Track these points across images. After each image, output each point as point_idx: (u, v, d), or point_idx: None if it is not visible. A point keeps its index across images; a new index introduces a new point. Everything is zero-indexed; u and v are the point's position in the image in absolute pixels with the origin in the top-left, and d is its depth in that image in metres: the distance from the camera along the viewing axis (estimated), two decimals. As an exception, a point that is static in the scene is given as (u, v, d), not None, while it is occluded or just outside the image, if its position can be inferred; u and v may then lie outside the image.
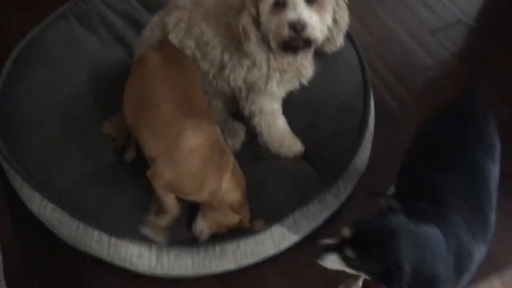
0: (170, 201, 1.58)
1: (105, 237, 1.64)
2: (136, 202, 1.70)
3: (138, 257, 1.64)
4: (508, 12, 2.66)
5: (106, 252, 1.66)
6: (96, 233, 1.65)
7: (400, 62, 2.40)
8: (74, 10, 2.23)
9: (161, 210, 1.60)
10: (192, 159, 1.51)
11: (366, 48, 2.29)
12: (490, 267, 1.78)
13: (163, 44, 1.73)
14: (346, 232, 1.20)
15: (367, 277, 1.24)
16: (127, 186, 1.74)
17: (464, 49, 2.47)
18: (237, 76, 1.71)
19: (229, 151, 1.61)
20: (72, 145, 1.81)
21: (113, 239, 1.64)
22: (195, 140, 1.50)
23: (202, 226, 1.63)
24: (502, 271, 1.78)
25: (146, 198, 1.69)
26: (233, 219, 1.61)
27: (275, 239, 1.72)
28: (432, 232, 1.22)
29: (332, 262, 1.23)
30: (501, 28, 2.57)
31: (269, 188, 1.78)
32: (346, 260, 1.20)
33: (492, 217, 1.35)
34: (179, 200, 1.60)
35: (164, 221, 1.60)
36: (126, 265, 1.67)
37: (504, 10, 2.67)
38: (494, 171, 1.42)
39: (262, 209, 1.70)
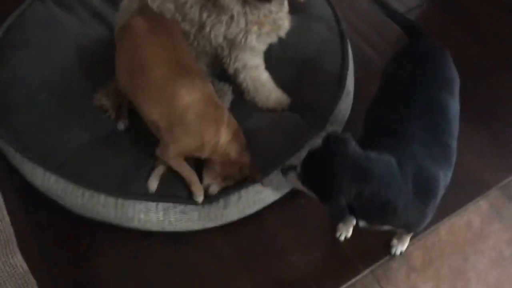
0: (185, 169, 1.68)
1: (111, 200, 1.70)
2: (136, 163, 1.77)
3: (146, 213, 1.71)
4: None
5: (114, 214, 1.71)
6: (102, 197, 1.70)
7: (372, 12, 2.47)
8: (49, -8, 2.25)
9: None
10: (189, 116, 1.58)
11: (339, 2, 2.36)
12: (476, 190, 1.90)
13: (143, 10, 1.78)
14: (303, 154, 1.38)
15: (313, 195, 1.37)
16: (125, 150, 1.81)
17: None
18: (218, 33, 1.77)
19: (222, 105, 1.68)
20: (66, 119, 1.85)
21: (119, 200, 1.70)
22: (190, 98, 1.58)
23: (209, 180, 1.71)
24: (488, 191, 1.90)
25: (146, 157, 1.77)
26: (235, 168, 1.69)
27: (274, 186, 1.80)
28: (382, 160, 1.31)
29: (291, 179, 1.42)
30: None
31: (262, 140, 1.84)
32: (299, 177, 1.38)
33: (454, 145, 1.46)
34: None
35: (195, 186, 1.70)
36: (135, 224, 1.73)
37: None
38: (453, 104, 1.52)
39: (258, 159, 1.77)
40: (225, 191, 1.74)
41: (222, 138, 1.62)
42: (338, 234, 1.80)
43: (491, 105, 2.14)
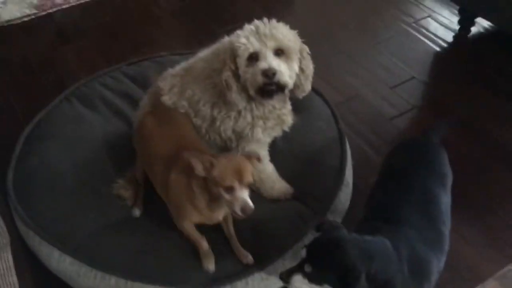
0: (195, 235, 1.79)
1: (121, 282, 1.77)
2: (147, 248, 1.86)
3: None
4: (453, 65, 3.09)
5: (123, 297, 1.77)
6: (113, 279, 1.77)
7: (369, 114, 2.72)
8: (75, 93, 2.51)
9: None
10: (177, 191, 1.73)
11: (338, 106, 2.60)
12: (474, 279, 1.96)
13: (156, 107, 2.02)
14: (303, 252, 1.41)
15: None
16: (137, 235, 1.91)
17: (420, 99, 2.83)
18: (227, 127, 1.98)
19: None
20: (84, 204, 1.98)
21: (129, 283, 1.77)
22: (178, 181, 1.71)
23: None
24: (484, 281, 1.96)
25: (156, 242, 1.87)
26: None
27: (279, 273, 1.86)
28: (379, 242, 1.42)
29: (298, 282, 1.40)
30: (449, 79, 2.97)
31: (268, 228, 1.95)
32: (308, 276, 1.38)
33: (447, 232, 1.58)
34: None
35: (206, 255, 1.80)
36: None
37: (449, 65, 3.10)
38: (445, 197, 1.67)
39: (264, 247, 1.88)
40: (231, 278, 1.80)
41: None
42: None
43: (485, 201, 2.27)
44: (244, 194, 1.54)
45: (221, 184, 1.54)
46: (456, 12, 3.32)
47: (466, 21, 3.26)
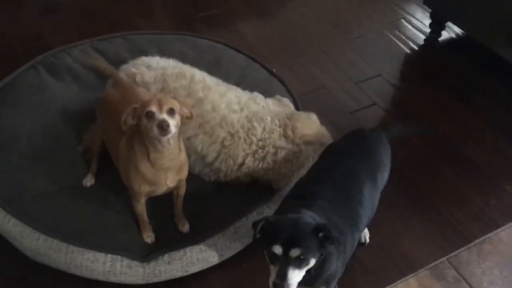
0: (141, 209, 1.85)
1: (62, 246, 1.82)
2: (92, 215, 1.91)
3: (93, 262, 1.81)
4: (419, 67, 3.17)
5: (64, 260, 1.82)
6: (55, 242, 1.82)
7: (331, 107, 2.78)
8: (43, 62, 2.54)
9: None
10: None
11: (301, 96, 2.67)
12: (408, 268, 2.03)
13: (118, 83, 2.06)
14: (278, 249, 1.37)
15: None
16: (85, 202, 1.96)
17: (382, 97, 2.89)
18: None
19: None
20: (36, 169, 2.03)
21: (70, 247, 1.82)
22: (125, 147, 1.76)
23: None
24: (418, 271, 2.04)
25: (102, 210, 1.93)
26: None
27: (218, 248, 1.93)
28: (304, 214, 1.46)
29: (295, 276, 1.37)
30: (414, 80, 3.05)
31: (212, 204, 2.05)
32: (296, 264, 1.36)
33: (362, 212, 1.64)
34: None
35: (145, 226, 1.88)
36: (82, 271, 1.83)
37: (416, 67, 3.18)
38: (370, 183, 1.71)
39: (205, 221, 1.96)
40: (171, 246, 1.87)
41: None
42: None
43: (429, 195, 2.35)
44: (163, 115, 1.56)
45: (143, 114, 1.57)
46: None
47: (437, 25, 3.33)
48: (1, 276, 1.88)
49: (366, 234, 2.10)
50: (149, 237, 1.90)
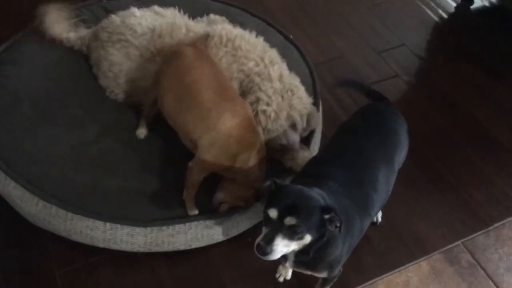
0: (195, 185, 1.76)
1: (62, 212, 1.77)
2: (93, 182, 1.85)
3: (93, 230, 1.77)
4: (447, 37, 2.97)
5: (64, 227, 1.78)
6: (54, 208, 1.77)
7: (347, 76, 2.64)
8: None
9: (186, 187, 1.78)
10: (230, 139, 1.71)
11: (318, 65, 2.53)
12: (420, 251, 1.94)
13: (196, 42, 1.96)
14: (273, 213, 1.29)
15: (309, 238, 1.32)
16: (86, 168, 1.89)
17: (405, 68, 2.73)
18: None
19: (258, 131, 1.79)
20: (38, 132, 1.96)
21: (69, 214, 1.77)
22: (232, 121, 1.71)
23: (222, 197, 1.79)
24: (431, 254, 1.94)
25: (103, 177, 1.87)
26: (250, 192, 1.76)
27: (224, 226, 1.86)
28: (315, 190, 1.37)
29: (281, 245, 1.29)
30: (440, 53, 2.86)
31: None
32: (288, 233, 1.28)
33: (376, 197, 1.53)
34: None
35: (189, 195, 1.79)
36: (82, 238, 1.79)
37: (443, 36, 2.97)
38: (386, 166, 1.59)
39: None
40: (174, 221, 1.81)
41: (250, 163, 1.72)
42: (277, 275, 1.83)
43: (448, 175, 2.22)
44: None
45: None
46: (463, -18, 3.17)
47: (469, -8, 3.11)
48: (1, 239, 1.86)
49: (378, 213, 2.00)
50: (193, 210, 1.81)
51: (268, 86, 1.90)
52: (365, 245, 1.91)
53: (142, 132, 2.01)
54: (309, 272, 1.52)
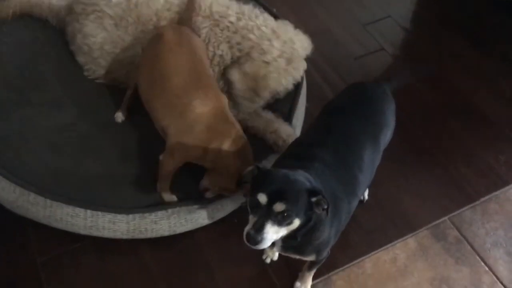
0: (169, 176, 1.73)
1: (40, 199, 1.71)
2: (73, 166, 1.80)
3: (73, 217, 1.72)
4: (435, 7, 2.90)
5: (43, 214, 1.72)
6: (32, 196, 1.71)
7: (333, 51, 2.58)
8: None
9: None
10: (198, 126, 1.64)
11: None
12: (407, 227, 1.93)
13: (179, 24, 1.88)
14: (262, 198, 1.24)
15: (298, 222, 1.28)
16: (65, 151, 1.84)
17: (391, 41, 2.68)
18: None
19: (233, 121, 1.71)
20: (12, 112, 1.89)
21: (48, 201, 1.71)
22: (201, 109, 1.64)
23: (206, 184, 1.74)
24: (418, 230, 1.93)
25: (83, 161, 1.81)
26: (231, 183, 1.68)
27: (209, 209, 1.82)
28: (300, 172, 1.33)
29: (271, 232, 1.25)
30: (427, 25, 2.81)
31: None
32: (277, 220, 1.24)
33: (362, 178, 1.50)
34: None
35: (164, 186, 1.76)
36: (63, 225, 1.74)
37: (431, 7, 2.91)
38: (371, 147, 1.55)
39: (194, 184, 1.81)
40: (156, 207, 1.76)
41: (224, 153, 1.65)
42: (264, 257, 1.81)
43: (433, 150, 2.20)
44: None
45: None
46: None
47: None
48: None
49: (365, 192, 1.98)
50: (171, 198, 1.78)
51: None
52: (351, 223, 1.87)
53: (119, 116, 1.94)
54: (297, 257, 1.50)
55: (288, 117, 2.04)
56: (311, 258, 1.50)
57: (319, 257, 1.49)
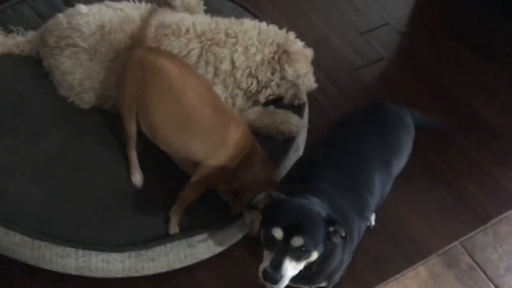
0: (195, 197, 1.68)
1: (27, 240, 1.59)
2: (59, 202, 1.67)
3: (64, 257, 1.60)
4: (433, 11, 2.80)
5: (30, 255, 1.61)
6: (18, 237, 1.59)
7: (331, 62, 2.47)
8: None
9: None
10: (237, 150, 1.61)
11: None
12: (417, 255, 1.84)
13: (165, 51, 1.73)
14: (278, 233, 1.17)
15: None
16: (49, 185, 1.70)
17: (391, 50, 2.58)
18: None
19: (251, 135, 1.69)
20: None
21: (36, 242, 1.59)
22: (238, 132, 1.61)
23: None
24: (428, 257, 1.85)
25: (69, 196, 1.68)
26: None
27: (209, 244, 1.71)
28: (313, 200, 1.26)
29: (291, 269, 1.19)
30: (426, 31, 2.70)
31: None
32: (295, 255, 1.17)
33: (371, 200, 1.42)
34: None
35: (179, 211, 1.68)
36: (52, 266, 1.62)
37: (429, 15, 2.81)
38: (383, 172, 1.47)
39: (194, 217, 1.71)
40: (154, 243, 1.64)
41: (255, 167, 1.64)
42: None
43: (440, 168, 2.11)
44: None
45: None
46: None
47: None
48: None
49: (371, 216, 1.88)
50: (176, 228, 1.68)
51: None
52: (358, 251, 1.78)
53: (137, 179, 1.74)
54: (306, 286, 1.41)
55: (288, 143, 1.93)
56: (322, 285, 1.42)
57: (330, 283, 1.42)
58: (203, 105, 1.61)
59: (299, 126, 1.89)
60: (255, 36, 1.79)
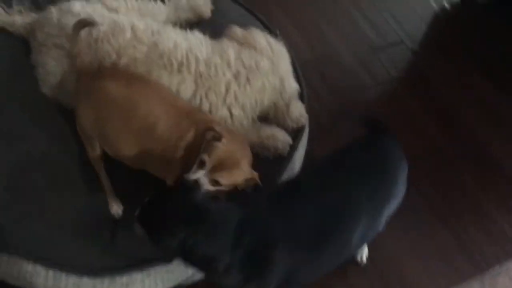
0: None
1: (-5, 254, 1.49)
2: (27, 216, 1.55)
3: (33, 277, 1.49)
4: (449, 32, 2.66)
5: (-4, 270, 1.51)
6: (-15, 250, 1.49)
7: (338, 80, 2.34)
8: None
9: None
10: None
11: (304, 64, 2.19)
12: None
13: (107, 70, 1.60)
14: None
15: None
16: (15, 206, 1.57)
17: (402, 70, 2.44)
18: None
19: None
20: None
21: (5, 257, 1.49)
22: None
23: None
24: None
25: (42, 212, 1.57)
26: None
27: (188, 269, 1.61)
28: (222, 214, 1.26)
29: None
30: (441, 52, 2.56)
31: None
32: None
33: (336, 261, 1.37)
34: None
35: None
36: (20, 283, 1.53)
37: (446, 32, 2.67)
38: (367, 224, 1.35)
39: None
40: (130, 268, 1.54)
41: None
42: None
43: (442, 206, 2.01)
44: None
45: None
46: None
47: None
48: None
49: (364, 251, 1.78)
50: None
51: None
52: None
53: (115, 209, 1.61)
54: None
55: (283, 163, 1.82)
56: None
57: None
58: (161, 112, 1.48)
59: (285, 142, 1.75)
60: None
